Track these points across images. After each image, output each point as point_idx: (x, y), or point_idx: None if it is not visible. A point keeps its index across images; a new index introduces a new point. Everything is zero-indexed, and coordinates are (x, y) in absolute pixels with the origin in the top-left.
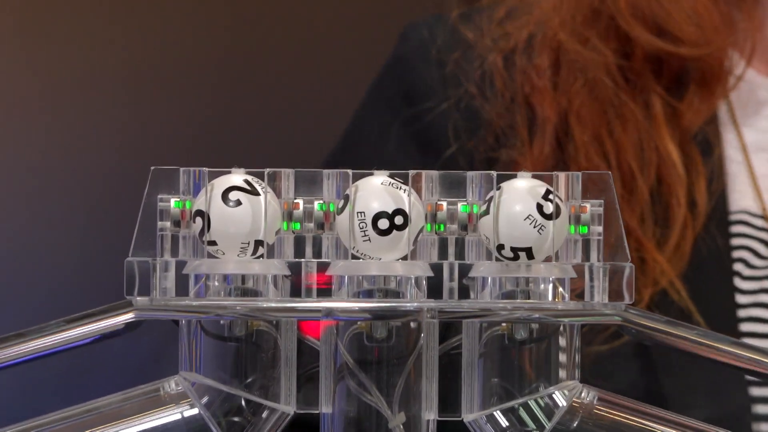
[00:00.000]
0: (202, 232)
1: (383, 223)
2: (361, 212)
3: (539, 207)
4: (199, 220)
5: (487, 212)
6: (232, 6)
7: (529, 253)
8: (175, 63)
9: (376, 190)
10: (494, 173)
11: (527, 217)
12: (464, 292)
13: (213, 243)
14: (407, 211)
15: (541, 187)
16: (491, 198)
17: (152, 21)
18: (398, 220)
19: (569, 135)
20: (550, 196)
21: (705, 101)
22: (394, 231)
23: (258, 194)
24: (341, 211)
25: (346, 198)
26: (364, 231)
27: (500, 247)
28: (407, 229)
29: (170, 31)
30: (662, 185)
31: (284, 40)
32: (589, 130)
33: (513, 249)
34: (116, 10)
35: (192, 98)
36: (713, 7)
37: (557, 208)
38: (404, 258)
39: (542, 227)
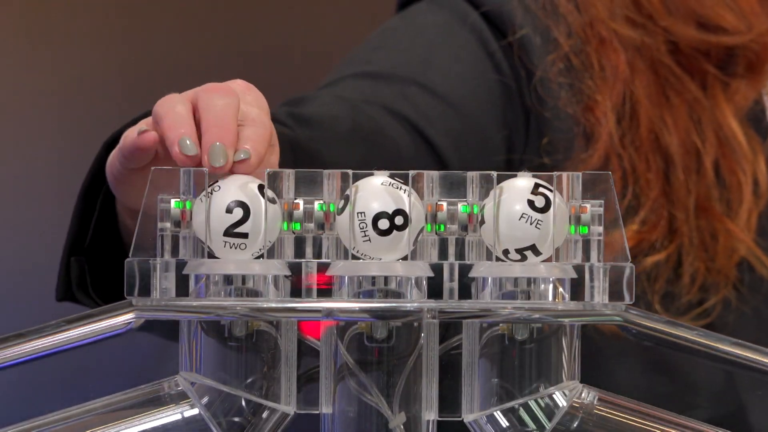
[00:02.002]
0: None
1: (383, 224)
2: (361, 212)
3: (530, 203)
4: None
5: (483, 221)
6: (233, 6)
7: (534, 250)
8: (175, 63)
9: (377, 191)
10: (494, 173)
11: (521, 216)
12: (464, 292)
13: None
14: (407, 211)
15: (529, 183)
16: (485, 206)
17: (152, 21)
18: (398, 220)
19: (632, 116)
20: (540, 189)
21: (753, 82)
22: (395, 231)
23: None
24: (341, 211)
25: (347, 198)
26: (365, 231)
27: (506, 252)
28: (407, 229)
29: (170, 32)
30: (724, 161)
31: (285, 39)
32: (652, 109)
33: (518, 250)
34: (116, 11)
35: None
36: None
37: (548, 199)
38: (404, 258)
39: (539, 222)
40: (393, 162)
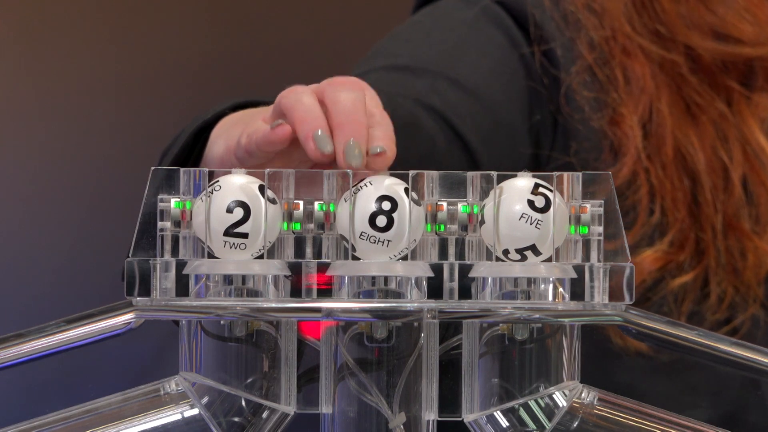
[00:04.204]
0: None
1: (381, 220)
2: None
3: (530, 203)
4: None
5: (483, 221)
6: (233, 7)
7: (534, 250)
8: (175, 63)
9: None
10: (494, 173)
11: (521, 216)
12: (464, 292)
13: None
14: (393, 196)
15: (529, 183)
16: (485, 206)
17: (152, 22)
18: (385, 205)
19: (657, 133)
20: (540, 189)
21: None
22: (392, 222)
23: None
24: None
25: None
26: (367, 236)
27: (506, 252)
28: (397, 211)
29: (170, 32)
30: (753, 176)
31: (284, 39)
32: (677, 127)
33: (518, 250)
34: (116, 12)
35: (192, 98)
36: (765, 2)
37: (548, 199)
38: (405, 258)
39: (539, 222)
40: (428, 155)
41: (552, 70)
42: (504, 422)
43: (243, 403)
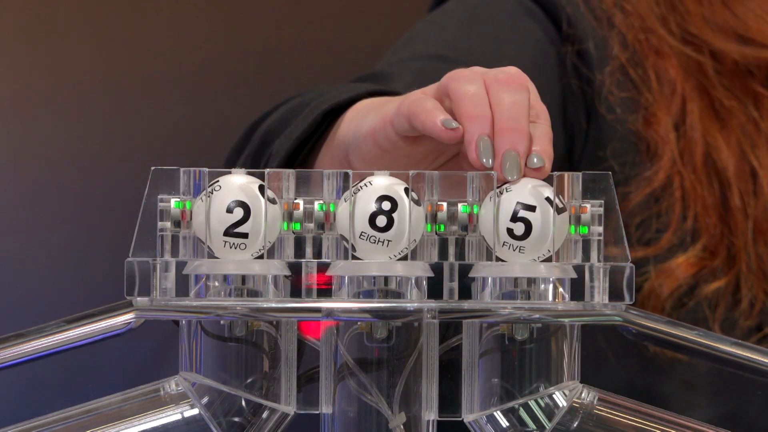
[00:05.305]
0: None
1: (381, 220)
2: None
3: (509, 231)
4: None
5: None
6: (233, 7)
7: (529, 208)
8: (175, 63)
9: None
10: (494, 173)
11: (504, 244)
12: (464, 292)
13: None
14: (393, 196)
15: (516, 204)
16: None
17: (152, 22)
18: (385, 205)
19: (688, 137)
20: (520, 214)
21: None
22: (392, 222)
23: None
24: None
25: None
26: (367, 236)
27: (510, 232)
28: (397, 212)
29: (170, 32)
30: None
31: (284, 39)
32: (706, 131)
33: (516, 218)
34: (116, 12)
35: (192, 98)
36: None
37: (530, 226)
38: (404, 258)
39: (521, 248)
40: None
41: (585, 69)
42: (504, 422)
43: (243, 403)
